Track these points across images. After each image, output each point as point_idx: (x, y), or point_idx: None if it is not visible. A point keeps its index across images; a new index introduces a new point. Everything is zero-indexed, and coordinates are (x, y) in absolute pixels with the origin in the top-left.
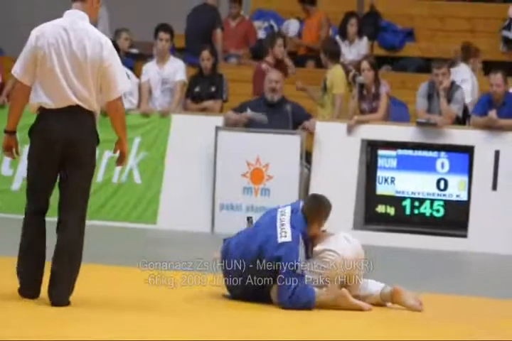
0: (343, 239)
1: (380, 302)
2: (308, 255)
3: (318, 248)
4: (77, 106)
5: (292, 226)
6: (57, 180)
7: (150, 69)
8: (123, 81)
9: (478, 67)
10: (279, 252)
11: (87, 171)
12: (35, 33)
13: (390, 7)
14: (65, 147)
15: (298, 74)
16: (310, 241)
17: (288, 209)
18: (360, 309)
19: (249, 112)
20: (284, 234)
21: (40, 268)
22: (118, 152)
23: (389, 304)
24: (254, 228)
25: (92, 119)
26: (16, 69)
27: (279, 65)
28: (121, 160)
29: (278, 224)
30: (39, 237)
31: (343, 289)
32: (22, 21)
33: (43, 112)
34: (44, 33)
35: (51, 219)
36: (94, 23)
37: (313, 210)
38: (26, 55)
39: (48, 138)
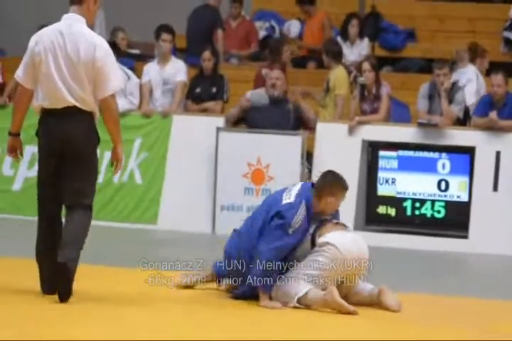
0: (350, 238)
1: (367, 302)
2: (310, 224)
3: (321, 240)
4: (75, 106)
5: (298, 194)
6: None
7: (151, 69)
8: (116, 80)
9: (484, 67)
10: (280, 208)
11: (88, 170)
12: (34, 38)
13: (391, 8)
14: (63, 146)
15: (299, 75)
16: (314, 215)
17: (299, 184)
18: (345, 311)
19: (248, 94)
20: (289, 197)
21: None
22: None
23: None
24: (260, 205)
25: (90, 119)
26: (19, 74)
27: (283, 70)
28: (115, 169)
29: (285, 192)
30: (53, 243)
31: (331, 286)
32: (23, 22)
33: (44, 113)
34: (42, 37)
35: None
36: (92, 24)
37: (324, 183)
38: (27, 59)
39: (47, 138)
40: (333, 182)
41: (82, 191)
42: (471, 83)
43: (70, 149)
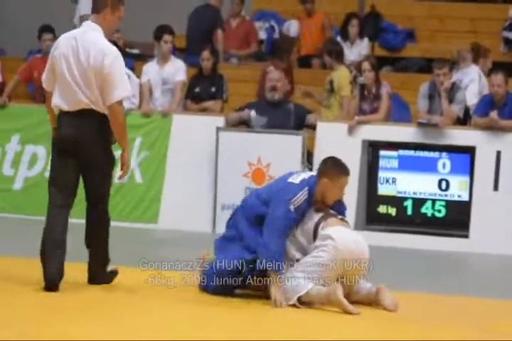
0: (351, 236)
1: (365, 301)
2: (310, 207)
3: (324, 232)
4: (89, 108)
5: (304, 180)
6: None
7: (150, 69)
8: (122, 87)
9: (487, 67)
10: (281, 186)
11: (102, 169)
12: (54, 43)
13: (390, 8)
14: (75, 147)
15: (301, 75)
16: (316, 203)
17: (310, 173)
18: (346, 311)
19: (252, 113)
20: (296, 178)
21: (59, 257)
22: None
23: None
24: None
25: (103, 120)
26: (43, 77)
27: (289, 69)
28: (122, 174)
29: (294, 174)
30: (60, 226)
31: (337, 284)
32: (24, 22)
33: (60, 115)
34: (59, 42)
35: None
36: (110, 33)
37: (322, 167)
38: (48, 64)
39: (61, 138)
40: (330, 166)
41: (97, 193)
42: (473, 83)
43: (82, 150)
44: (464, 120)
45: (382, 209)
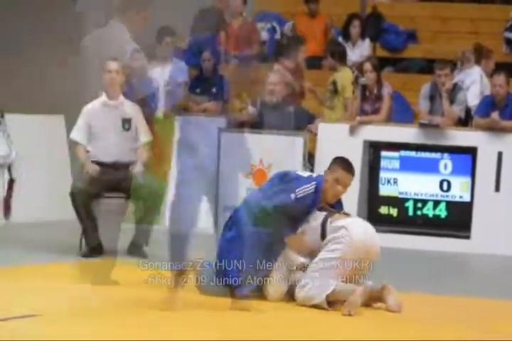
0: (362, 226)
1: (366, 298)
2: (315, 205)
3: (336, 224)
4: None
5: (312, 175)
6: None
7: (152, 71)
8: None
9: (490, 68)
10: (288, 178)
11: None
12: (83, 40)
13: (392, 9)
14: None
15: (310, 76)
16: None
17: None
18: (343, 310)
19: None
20: (304, 173)
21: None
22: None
23: (377, 304)
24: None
25: None
26: None
27: (297, 68)
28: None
29: (297, 171)
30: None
31: (362, 288)
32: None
33: None
34: (86, 38)
35: None
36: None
37: (334, 162)
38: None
39: None
40: (337, 162)
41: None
42: (474, 85)
43: None
44: (465, 121)
45: (383, 210)
